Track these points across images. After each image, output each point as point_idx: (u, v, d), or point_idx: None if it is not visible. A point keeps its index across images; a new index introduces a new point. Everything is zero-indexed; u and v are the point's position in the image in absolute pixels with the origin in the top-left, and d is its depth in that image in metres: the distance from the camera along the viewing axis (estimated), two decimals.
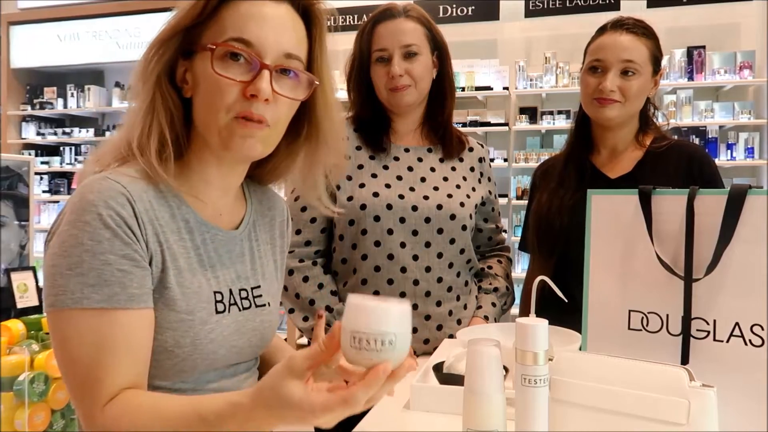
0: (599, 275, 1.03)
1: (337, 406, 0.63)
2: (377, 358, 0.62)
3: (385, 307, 0.62)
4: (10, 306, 2.39)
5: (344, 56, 1.56)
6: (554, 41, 4.40)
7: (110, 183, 0.80)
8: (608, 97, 1.49)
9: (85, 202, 0.78)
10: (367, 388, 0.62)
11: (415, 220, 1.46)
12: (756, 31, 4.12)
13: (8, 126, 5.29)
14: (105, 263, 0.77)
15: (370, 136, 1.53)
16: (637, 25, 1.53)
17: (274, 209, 1.06)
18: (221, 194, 0.94)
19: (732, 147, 4.07)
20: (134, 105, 0.87)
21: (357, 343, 0.62)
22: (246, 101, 0.82)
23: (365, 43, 1.51)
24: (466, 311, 1.54)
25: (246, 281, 0.95)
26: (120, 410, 0.76)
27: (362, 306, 0.62)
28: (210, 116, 0.84)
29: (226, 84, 0.82)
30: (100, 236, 0.77)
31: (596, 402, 0.80)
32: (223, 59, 0.82)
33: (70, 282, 0.76)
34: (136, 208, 0.80)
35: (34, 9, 5.26)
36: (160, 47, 0.85)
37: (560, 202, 1.56)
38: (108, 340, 0.76)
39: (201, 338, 0.85)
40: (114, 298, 0.77)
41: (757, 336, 0.89)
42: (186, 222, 0.88)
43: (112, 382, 0.76)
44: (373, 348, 0.61)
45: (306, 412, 0.64)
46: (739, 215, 0.91)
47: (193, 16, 0.84)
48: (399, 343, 0.62)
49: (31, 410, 2.05)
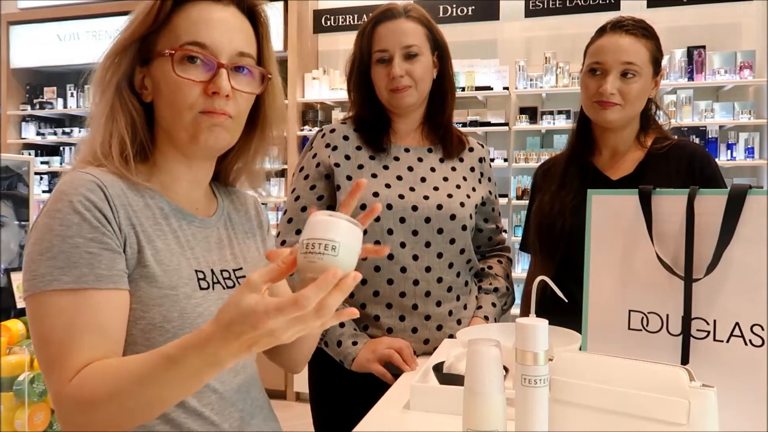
0: (599, 275, 1.03)
1: (289, 305, 0.65)
2: (321, 262, 0.68)
3: (333, 220, 0.69)
4: (10, 306, 2.39)
5: (344, 56, 1.56)
6: (554, 41, 4.40)
7: (82, 174, 0.86)
8: (608, 100, 1.49)
9: (59, 192, 0.84)
10: (317, 290, 0.66)
11: (415, 220, 1.46)
12: (756, 31, 4.12)
13: (8, 126, 5.28)
14: (73, 246, 0.81)
15: (370, 136, 1.53)
16: (636, 26, 1.52)
17: (246, 204, 1.12)
18: (192, 189, 0.99)
19: (732, 147, 4.07)
20: (95, 113, 0.92)
21: (305, 248, 0.68)
22: (208, 99, 0.89)
23: (366, 44, 1.51)
24: (466, 311, 1.54)
25: (227, 263, 0.99)
26: (85, 376, 0.78)
27: (314, 219, 0.70)
28: (175, 116, 0.90)
29: (187, 85, 0.88)
30: (69, 221, 0.81)
31: (596, 402, 0.80)
32: (181, 63, 0.89)
33: (41, 266, 0.80)
34: (107, 192, 0.85)
35: (34, 9, 5.25)
36: (115, 57, 0.91)
37: (561, 204, 1.56)
38: (77, 319, 0.80)
39: (189, 312, 0.88)
40: (82, 278, 0.80)
41: (757, 336, 0.89)
42: (161, 209, 0.92)
43: (78, 358, 0.79)
44: (317, 252, 0.68)
45: (260, 314, 0.66)
46: (739, 215, 0.91)
47: (147, 25, 0.91)
48: (342, 251, 0.68)
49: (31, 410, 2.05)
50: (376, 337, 1.46)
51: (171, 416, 0.88)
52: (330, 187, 1.51)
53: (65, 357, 0.79)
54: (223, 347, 0.69)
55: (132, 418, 0.77)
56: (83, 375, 0.78)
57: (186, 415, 0.90)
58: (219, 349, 0.70)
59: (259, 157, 1.06)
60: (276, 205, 4.61)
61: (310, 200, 1.51)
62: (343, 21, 4.60)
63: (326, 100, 4.54)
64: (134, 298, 0.86)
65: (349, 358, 1.42)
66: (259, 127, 1.03)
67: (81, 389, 0.77)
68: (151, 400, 0.75)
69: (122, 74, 0.91)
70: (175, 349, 0.73)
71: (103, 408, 0.76)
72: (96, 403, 0.76)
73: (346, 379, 1.46)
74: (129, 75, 0.92)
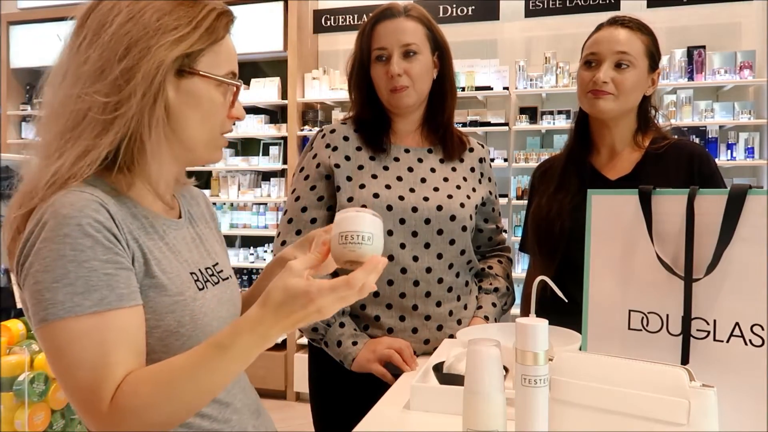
0: (599, 275, 1.03)
1: (342, 285, 0.76)
2: (360, 250, 0.80)
3: (363, 214, 0.82)
4: (10, 306, 2.39)
5: (344, 56, 1.56)
6: (554, 41, 4.40)
7: (78, 194, 0.81)
8: (601, 88, 1.49)
9: (60, 216, 0.79)
10: (365, 273, 0.78)
11: (415, 221, 1.46)
12: (756, 31, 4.12)
13: (8, 126, 5.28)
14: (90, 270, 0.79)
15: (370, 137, 1.53)
16: (633, 21, 1.54)
17: (197, 197, 1.13)
18: (165, 190, 0.98)
19: (732, 147, 4.07)
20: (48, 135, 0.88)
21: (343, 239, 0.80)
22: (229, 121, 0.96)
23: (365, 42, 1.51)
24: (467, 311, 1.54)
25: (205, 261, 1.00)
26: (133, 384, 0.78)
27: (346, 215, 0.82)
28: (202, 132, 0.93)
29: (221, 105, 0.94)
30: (81, 245, 0.79)
31: (596, 402, 0.80)
32: (220, 85, 0.93)
33: (59, 294, 0.77)
34: (110, 210, 0.83)
35: (34, 9, 5.25)
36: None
37: (560, 205, 1.55)
38: (108, 340, 0.78)
39: (197, 313, 0.90)
40: (104, 300, 0.79)
41: (757, 336, 0.89)
42: (146, 218, 0.92)
43: (114, 377, 0.78)
44: (356, 242, 0.80)
45: (313, 294, 0.76)
46: (739, 215, 0.91)
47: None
48: (375, 240, 0.81)
49: (31, 410, 2.06)
50: (376, 337, 1.46)
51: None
52: (330, 188, 1.51)
53: (102, 378, 0.77)
54: (274, 326, 0.78)
55: (188, 409, 0.80)
56: (130, 383, 0.78)
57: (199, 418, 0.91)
58: (270, 328, 0.78)
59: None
60: (276, 205, 4.61)
61: (311, 201, 1.51)
62: (343, 21, 4.60)
63: (326, 100, 4.54)
64: (146, 309, 0.85)
65: (349, 359, 1.42)
66: None
67: (129, 397, 0.77)
68: (204, 388, 0.79)
69: None
70: (224, 336, 0.78)
71: (155, 409, 0.77)
72: (154, 405, 0.77)
73: (346, 379, 1.46)
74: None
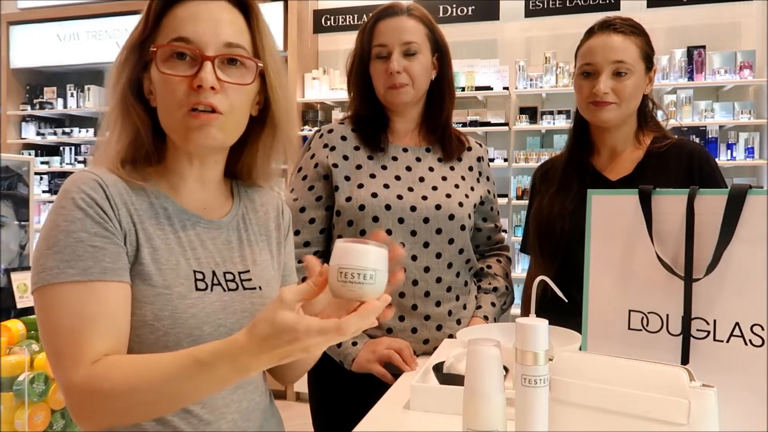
0: (599, 275, 1.03)
1: (332, 330, 0.71)
2: (360, 290, 0.71)
3: (367, 248, 0.72)
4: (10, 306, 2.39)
5: (344, 56, 1.56)
6: (554, 41, 4.40)
7: (85, 173, 0.88)
8: (603, 99, 1.49)
9: (63, 191, 0.87)
10: (359, 319, 0.71)
11: (413, 220, 1.46)
12: (756, 31, 4.12)
13: (8, 126, 5.28)
14: (78, 240, 0.83)
15: (368, 136, 1.53)
16: (624, 24, 1.53)
17: (267, 204, 1.10)
18: (198, 188, 0.99)
19: (732, 147, 4.07)
20: (105, 119, 0.95)
21: (343, 277, 0.71)
22: (194, 93, 0.88)
23: (366, 39, 1.51)
24: (466, 311, 1.54)
25: (233, 266, 0.99)
26: (105, 367, 0.80)
27: (348, 246, 0.72)
28: (168, 115, 0.91)
29: (175, 81, 0.88)
30: (72, 217, 0.84)
31: (596, 402, 0.80)
32: (169, 60, 0.89)
33: (49, 260, 0.83)
34: (108, 191, 0.87)
35: (33, 9, 5.25)
36: (120, 65, 0.93)
37: (561, 206, 1.55)
38: (85, 309, 0.82)
39: (180, 312, 0.89)
40: (88, 271, 0.83)
41: (757, 336, 0.89)
42: (165, 209, 0.94)
43: (88, 346, 0.81)
44: (356, 281, 0.71)
45: (301, 332, 0.71)
46: (739, 215, 0.91)
47: (140, 32, 0.93)
48: (378, 278, 0.72)
49: (31, 410, 2.05)
50: (375, 337, 1.46)
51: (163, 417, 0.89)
52: (328, 188, 1.51)
53: (76, 345, 0.81)
54: (255, 358, 0.74)
55: (150, 411, 0.81)
56: (102, 365, 0.80)
57: (177, 416, 0.89)
58: (251, 360, 0.74)
59: (272, 155, 1.04)
60: None
61: (309, 201, 1.51)
62: (343, 21, 4.60)
63: (326, 100, 4.54)
64: None
65: (348, 359, 1.42)
66: (268, 124, 1.01)
67: (100, 378, 0.79)
68: (173, 396, 0.79)
69: (126, 82, 0.93)
70: (207, 354, 0.76)
71: (122, 398, 0.79)
72: (115, 393, 0.79)
73: (346, 379, 1.46)
74: (134, 82, 0.93)
